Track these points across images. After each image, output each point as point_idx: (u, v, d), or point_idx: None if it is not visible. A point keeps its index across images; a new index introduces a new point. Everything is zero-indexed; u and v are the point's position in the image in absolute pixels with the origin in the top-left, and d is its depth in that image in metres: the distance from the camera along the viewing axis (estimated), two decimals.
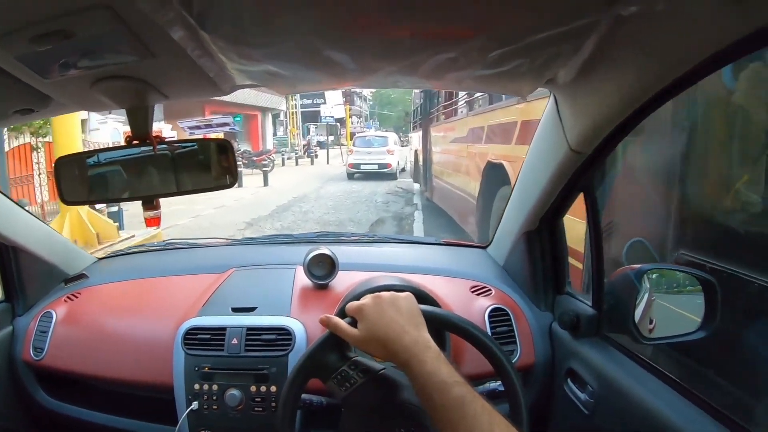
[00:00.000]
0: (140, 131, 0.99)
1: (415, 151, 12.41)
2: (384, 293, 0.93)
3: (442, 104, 8.37)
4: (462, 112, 7.06)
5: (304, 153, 26.17)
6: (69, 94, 0.96)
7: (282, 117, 31.26)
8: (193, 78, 0.91)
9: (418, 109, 11.79)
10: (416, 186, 12.55)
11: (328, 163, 24.70)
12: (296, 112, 31.55)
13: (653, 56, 0.78)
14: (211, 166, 1.11)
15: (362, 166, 16.73)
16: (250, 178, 15.68)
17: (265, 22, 0.73)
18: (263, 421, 1.26)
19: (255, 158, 18.30)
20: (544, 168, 1.24)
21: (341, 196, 12.53)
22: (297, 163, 24.54)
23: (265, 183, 15.06)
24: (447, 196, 7.96)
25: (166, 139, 1.04)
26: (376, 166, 16.51)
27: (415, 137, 12.67)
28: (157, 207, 1.09)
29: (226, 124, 16.61)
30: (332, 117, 28.53)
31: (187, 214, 9.73)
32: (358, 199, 11.96)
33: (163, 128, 12.51)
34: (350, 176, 16.93)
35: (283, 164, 23.30)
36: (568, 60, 0.87)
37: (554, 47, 0.81)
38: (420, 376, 0.81)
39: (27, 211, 1.58)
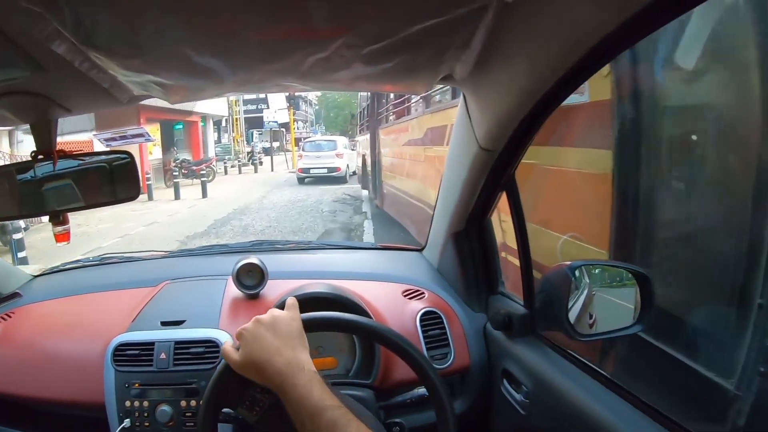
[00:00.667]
0: (44, 146, 0.98)
1: (363, 155, 11.91)
2: (264, 315, 0.91)
3: (392, 102, 8.03)
4: (417, 110, 6.61)
5: (248, 160, 25.68)
6: None
7: (224, 123, 30.43)
8: (89, 90, 0.90)
9: (365, 110, 11.39)
10: (365, 192, 12.24)
11: (272, 170, 24.29)
12: (239, 118, 30.94)
13: (544, 45, 0.78)
14: (116, 178, 1.10)
15: (312, 171, 16.98)
16: (189, 189, 15.22)
17: (133, 32, 0.73)
18: None
19: (194, 167, 17.78)
20: (460, 168, 1.26)
21: (285, 205, 12.13)
22: (240, 171, 23.92)
23: (204, 194, 14.53)
24: (400, 204, 7.55)
25: (71, 153, 1.02)
26: (325, 170, 16.79)
27: (362, 141, 12.18)
28: (65, 222, 1.07)
29: (141, 135, 16.15)
30: (276, 122, 28.02)
31: (115, 232, 9.37)
32: (303, 208, 11.60)
33: (92, 139, 11.98)
34: (300, 181, 17.17)
35: (226, 173, 22.92)
36: (461, 53, 0.87)
37: (440, 39, 0.80)
38: (292, 400, 0.79)
39: None
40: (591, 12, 0.67)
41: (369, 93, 9.83)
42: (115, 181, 1.09)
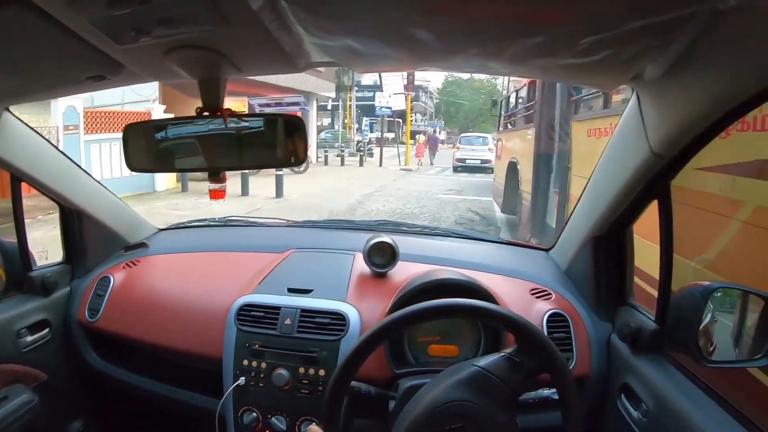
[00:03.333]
0: (211, 103, 1.08)
1: (513, 163, 8.65)
2: None
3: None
4: None
5: (357, 150, 25.80)
6: (141, 62, 1.05)
7: (330, 107, 30.52)
8: (269, 51, 0.98)
9: (517, 97, 8.84)
10: (500, 215, 10.11)
11: (381, 164, 22.81)
12: (352, 104, 30.47)
13: (749, 56, 0.80)
14: (279, 143, 1.19)
15: (467, 161, 21.35)
16: (267, 181, 12.84)
17: None
18: (308, 403, 1.39)
19: None
20: (620, 171, 1.28)
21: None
22: (342, 163, 22.75)
23: (278, 194, 12.48)
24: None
25: (238, 113, 1.13)
26: (479, 162, 20.85)
27: (512, 140, 9.29)
28: (223, 180, 1.19)
29: (296, 104, 16.83)
30: (389, 108, 26.57)
31: None
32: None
33: (155, 109, 12.49)
34: (455, 169, 21.38)
35: (326, 163, 22.40)
36: (658, 55, 0.91)
37: (645, 40, 0.85)
38: None
39: (95, 179, 1.78)
40: None
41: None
42: (280, 145, 1.19)
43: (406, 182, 17.06)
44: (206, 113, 1.09)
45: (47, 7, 0.78)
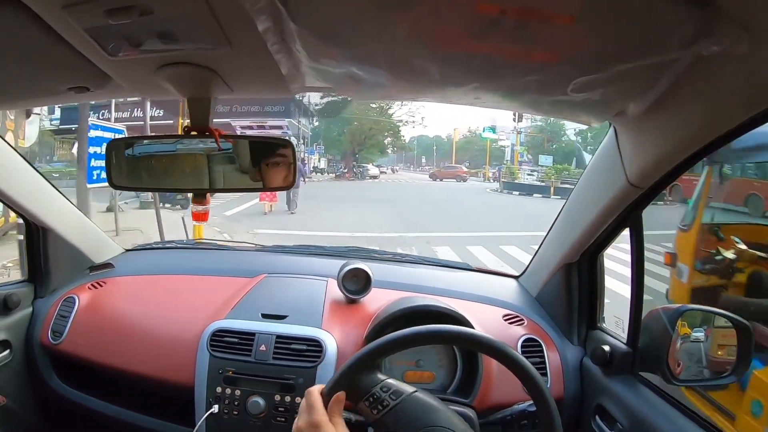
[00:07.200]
0: (200, 122, 1.06)
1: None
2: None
3: None
4: None
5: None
6: (130, 76, 1.03)
7: None
8: (265, 73, 0.99)
9: None
10: None
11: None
12: None
13: (724, 97, 0.86)
14: (270, 165, 1.18)
15: None
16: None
17: (358, 22, 0.79)
18: None
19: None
20: (596, 200, 1.34)
21: None
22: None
23: None
24: None
25: (226, 134, 1.11)
26: None
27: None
28: (207, 202, 1.18)
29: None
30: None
31: None
32: None
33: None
34: None
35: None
36: (641, 95, 0.96)
37: (632, 81, 0.90)
38: None
39: (63, 195, 1.73)
40: None
41: None
42: (270, 168, 1.17)
43: None
44: (194, 132, 1.08)
45: (41, 10, 0.76)
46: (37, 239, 1.74)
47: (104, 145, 1.19)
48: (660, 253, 2.81)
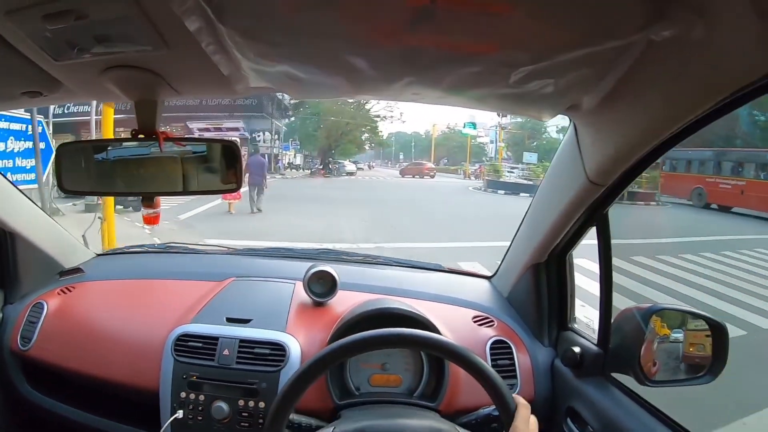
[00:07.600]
0: (147, 126, 1.05)
1: None
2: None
3: None
4: None
5: None
6: (78, 80, 1.03)
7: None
8: (207, 75, 0.98)
9: None
10: None
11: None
12: None
13: (680, 87, 0.84)
14: (215, 169, 1.17)
15: None
16: None
17: (286, 19, 0.78)
18: None
19: None
20: (558, 199, 1.32)
21: None
22: None
23: None
24: None
25: (173, 136, 1.10)
26: None
27: None
28: (156, 205, 1.15)
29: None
30: None
31: None
32: None
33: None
34: None
35: None
36: (594, 86, 0.93)
37: (581, 70, 0.87)
38: None
39: (30, 199, 1.71)
40: (739, 57, 0.72)
41: None
42: (216, 171, 1.17)
43: None
44: (141, 135, 1.07)
45: None
46: (5, 244, 1.71)
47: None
48: None
